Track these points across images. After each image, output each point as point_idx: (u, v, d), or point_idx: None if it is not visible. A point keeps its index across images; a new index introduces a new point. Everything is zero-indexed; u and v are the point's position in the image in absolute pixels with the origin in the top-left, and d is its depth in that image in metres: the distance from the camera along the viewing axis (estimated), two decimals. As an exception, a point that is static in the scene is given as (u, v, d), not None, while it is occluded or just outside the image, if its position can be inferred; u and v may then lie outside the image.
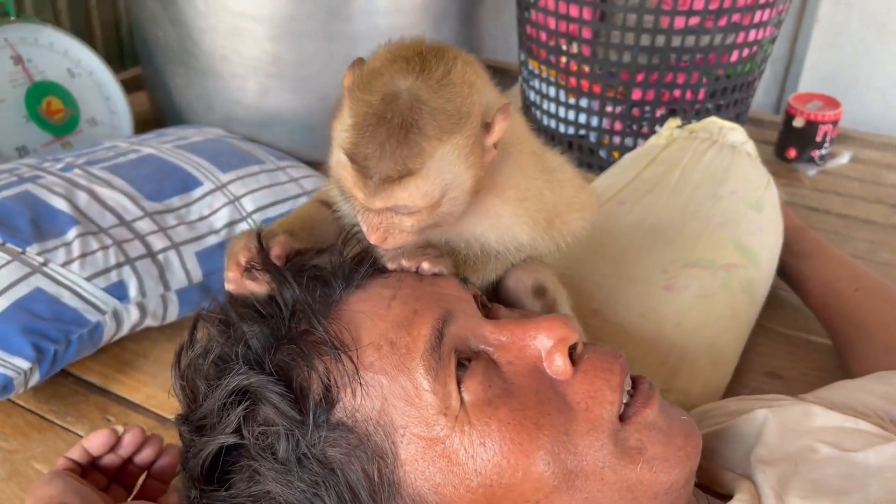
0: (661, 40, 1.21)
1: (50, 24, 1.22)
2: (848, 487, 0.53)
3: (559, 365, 0.49)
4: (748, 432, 0.61)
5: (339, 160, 0.49)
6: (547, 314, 0.53)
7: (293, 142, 1.31)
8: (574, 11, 1.22)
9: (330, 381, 0.47)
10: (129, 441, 0.66)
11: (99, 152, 1.07)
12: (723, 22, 1.19)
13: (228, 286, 0.54)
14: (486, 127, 0.50)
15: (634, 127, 1.30)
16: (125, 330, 0.90)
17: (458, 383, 0.47)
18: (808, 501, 0.52)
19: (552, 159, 0.61)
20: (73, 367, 0.89)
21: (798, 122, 1.39)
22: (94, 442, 0.65)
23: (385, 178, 0.47)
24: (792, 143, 1.41)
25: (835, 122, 1.39)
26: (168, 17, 1.28)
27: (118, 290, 0.88)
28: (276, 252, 0.53)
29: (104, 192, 0.97)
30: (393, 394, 0.47)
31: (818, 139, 1.39)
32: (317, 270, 0.52)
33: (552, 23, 1.26)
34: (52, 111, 1.21)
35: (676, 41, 1.20)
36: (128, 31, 1.78)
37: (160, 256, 0.93)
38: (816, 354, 0.96)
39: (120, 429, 0.67)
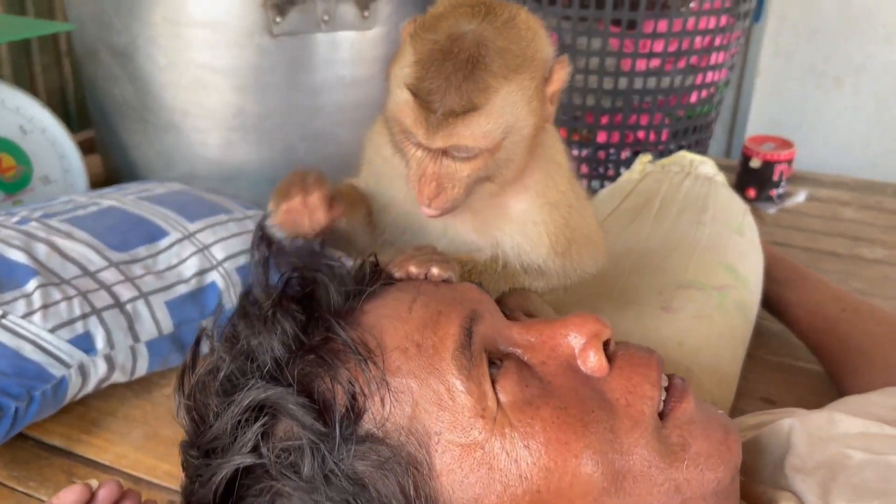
0: (623, 83, 1.23)
1: (2, 81, 1.18)
2: (890, 490, 0.51)
3: (594, 361, 0.46)
4: (776, 443, 0.59)
5: (398, 100, 0.48)
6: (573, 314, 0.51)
7: (257, 195, 1.27)
8: (537, 58, 1.24)
9: (355, 389, 0.43)
10: (104, 497, 0.60)
11: (56, 206, 1.02)
12: (681, 64, 1.22)
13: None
14: (546, 80, 0.49)
15: (601, 170, 1.31)
16: (91, 386, 0.83)
17: (493, 383, 0.44)
18: (854, 504, 0.50)
19: (580, 189, 0.60)
20: (34, 429, 0.82)
21: (755, 163, 1.43)
22: (65, 500, 0.58)
23: (449, 113, 0.46)
24: (750, 183, 1.44)
25: (789, 161, 1.43)
26: (126, 74, 1.25)
27: (84, 342, 0.82)
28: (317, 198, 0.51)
29: (64, 243, 0.91)
30: (424, 398, 0.43)
31: (775, 178, 1.43)
32: (330, 277, 0.48)
33: (515, 70, 1.27)
34: (4, 168, 1.16)
35: (638, 83, 1.23)
36: (74, 96, 1.75)
37: (128, 306, 0.87)
38: (807, 380, 0.96)
39: (94, 483, 0.61)
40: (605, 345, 0.47)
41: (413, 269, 0.50)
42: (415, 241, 0.57)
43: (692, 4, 1.19)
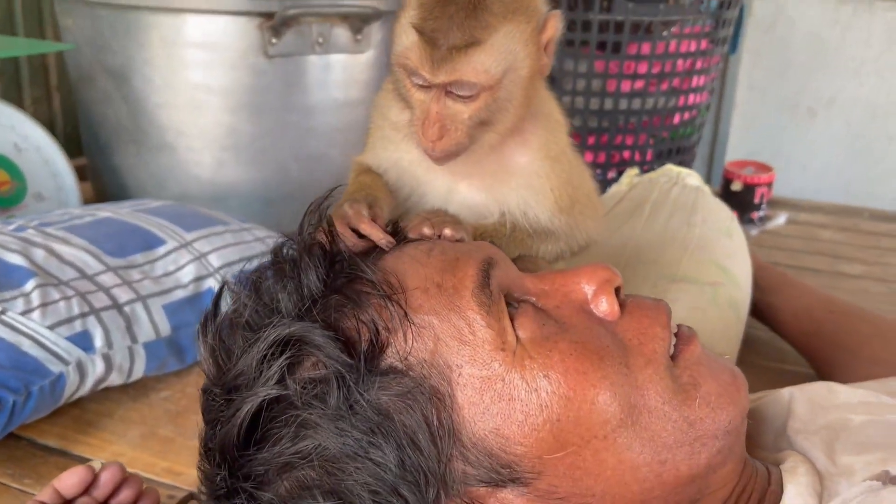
0: (608, 104, 1.27)
1: (-3, 100, 1.19)
2: (893, 443, 0.52)
3: (606, 305, 0.48)
4: (777, 412, 0.60)
5: (405, 42, 0.50)
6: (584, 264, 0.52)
7: (248, 216, 1.28)
8: (525, 80, 1.28)
9: (378, 324, 0.44)
10: (106, 480, 0.59)
11: (52, 217, 1.02)
12: (664, 86, 1.27)
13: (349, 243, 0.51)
14: (541, 30, 0.53)
15: (588, 189, 1.34)
16: (88, 386, 0.83)
17: (512, 321, 0.45)
18: (860, 456, 0.51)
19: (577, 155, 0.63)
20: (29, 430, 0.81)
21: (736, 186, 1.47)
22: (67, 482, 0.58)
23: (452, 47, 0.49)
24: (732, 205, 1.46)
25: (769, 185, 1.47)
26: (121, 95, 1.27)
27: (83, 340, 0.82)
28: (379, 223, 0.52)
29: (62, 248, 0.91)
30: (445, 333, 0.44)
31: (756, 201, 1.47)
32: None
33: (504, 93, 1.31)
34: (-1, 183, 1.16)
35: (623, 104, 1.27)
36: (63, 129, 1.76)
37: (126, 308, 0.87)
38: (797, 381, 0.96)
39: (97, 465, 0.60)
40: (617, 292, 0.49)
41: (427, 231, 0.52)
42: (421, 203, 0.59)
43: (673, 29, 1.24)
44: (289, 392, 0.43)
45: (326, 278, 0.47)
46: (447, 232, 0.52)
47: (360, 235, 0.51)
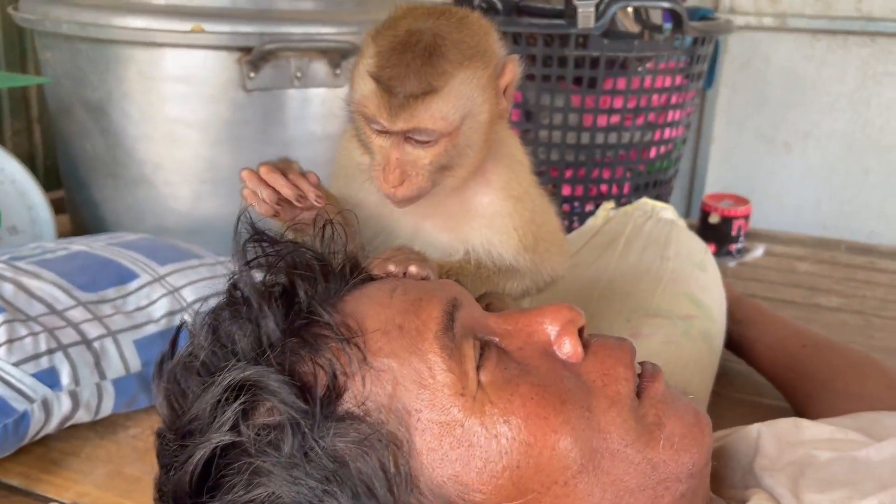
0: (585, 137, 1.28)
1: (-28, 134, 1.19)
2: (858, 479, 0.52)
3: (570, 347, 0.47)
4: (744, 449, 0.60)
5: (362, 90, 0.50)
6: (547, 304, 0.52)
7: (225, 249, 1.26)
8: (502, 114, 1.29)
9: (336, 369, 0.44)
10: None
11: (24, 251, 1.01)
12: (640, 120, 1.28)
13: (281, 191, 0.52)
14: (499, 74, 0.52)
15: (566, 222, 1.34)
16: (54, 424, 0.81)
17: (477, 367, 0.45)
18: (824, 494, 0.51)
19: (542, 191, 0.63)
20: (-9, 469, 0.79)
21: (714, 219, 1.48)
22: None
23: (409, 95, 0.49)
24: (710, 238, 1.48)
25: (746, 217, 1.48)
26: (99, 129, 1.27)
27: (49, 377, 0.81)
28: (313, 180, 0.53)
29: (31, 282, 0.90)
30: (404, 377, 0.44)
31: (734, 233, 1.48)
32: (310, 270, 0.49)
33: (482, 127, 1.32)
34: (-30, 217, 1.15)
35: (600, 138, 1.28)
36: (43, 161, 1.76)
37: (96, 344, 0.86)
38: (773, 416, 0.95)
39: None
40: (580, 333, 0.49)
41: (392, 268, 0.51)
42: (387, 242, 0.59)
43: (648, 64, 1.26)
44: (242, 439, 0.42)
45: (284, 321, 0.46)
46: (413, 269, 0.51)
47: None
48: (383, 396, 0.43)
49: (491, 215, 0.58)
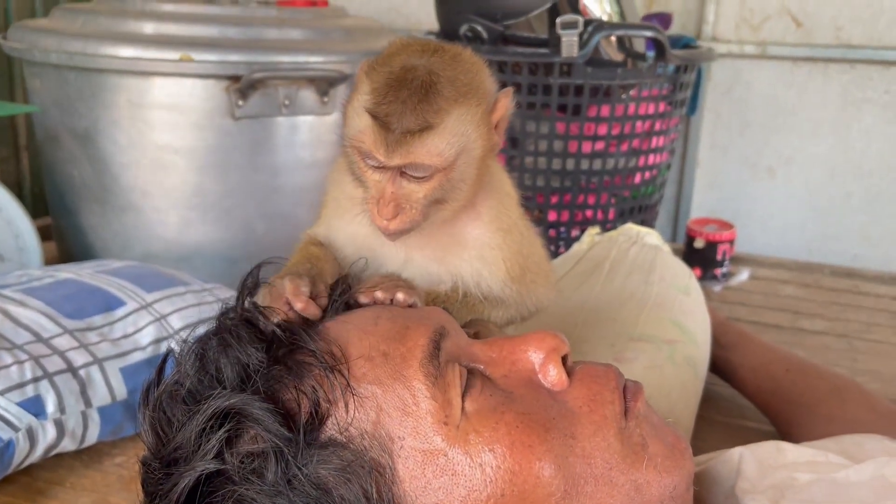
0: (570, 164, 1.30)
1: (-40, 162, 1.19)
2: (837, 500, 0.53)
3: (554, 375, 0.48)
4: (726, 473, 0.60)
5: (358, 125, 0.51)
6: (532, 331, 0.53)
7: (213, 276, 1.28)
8: (489, 141, 1.30)
9: (319, 396, 0.44)
10: None
11: (10, 279, 1.01)
12: (625, 147, 1.30)
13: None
14: (491, 110, 0.54)
15: (552, 248, 1.35)
16: (38, 452, 0.81)
17: (462, 395, 0.45)
18: (804, 516, 0.51)
19: (529, 223, 0.64)
20: (-26, 499, 0.79)
21: (699, 244, 1.49)
22: None
23: (406, 131, 0.50)
24: (695, 263, 1.49)
25: (731, 241, 1.50)
26: (87, 156, 1.27)
27: (34, 406, 0.80)
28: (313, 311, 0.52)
29: (17, 310, 0.90)
30: (388, 404, 0.44)
31: (718, 258, 1.49)
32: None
33: (468, 153, 1.33)
34: (-43, 245, 1.15)
35: (585, 164, 1.29)
36: (30, 189, 1.76)
37: (81, 372, 0.86)
38: (757, 439, 0.96)
39: None
40: (564, 361, 0.49)
41: (379, 295, 0.52)
42: (376, 273, 0.59)
43: (632, 92, 1.28)
44: (227, 466, 0.43)
45: (269, 349, 0.47)
46: (400, 297, 0.52)
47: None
48: (367, 423, 0.44)
49: (480, 247, 0.58)
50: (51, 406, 0.82)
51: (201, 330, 0.97)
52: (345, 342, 0.47)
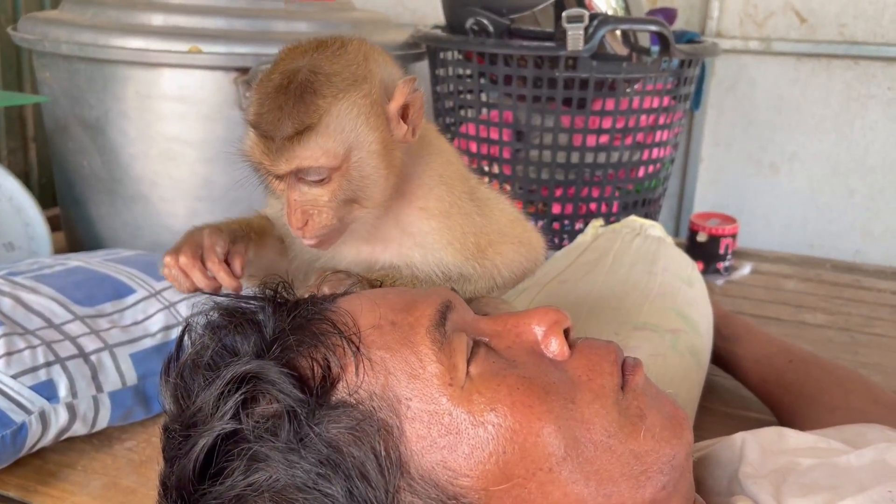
0: (575, 157, 1.30)
1: (-29, 151, 1.20)
2: (839, 483, 0.54)
3: (556, 346, 0.50)
4: (729, 457, 0.61)
5: (246, 140, 0.52)
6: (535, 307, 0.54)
7: (221, 266, 1.29)
8: (494, 134, 1.31)
9: (331, 361, 0.46)
10: None
11: (21, 266, 1.03)
12: (629, 140, 1.31)
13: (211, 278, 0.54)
14: (388, 98, 0.53)
15: (556, 240, 1.36)
16: (51, 435, 0.82)
17: (468, 362, 0.47)
18: (806, 498, 0.52)
19: (484, 190, 0.63)
20: (-12, 480, 0.80)
21: (702, 237, 1.50)
22: None
23: (286, 138, 0.49)
24: (698, 257, 1.50)
25: (733, 236, 1.51)
26: (96, 147, 1.28)
27: (47, 389, 0.82)
28: (237, 268, 0.54)
29: (29, 297, 0.92)
30: (396, 368, 0.46)
31: (721, 252, 1.50)
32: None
33: (474, 146, 1.35)
34: (-32, 233, 1.16)
35: (589, 157, 1.30)
36: (38, 180, 1.77)
37: (93, 357, 0.87)
38: (759, 427, 0.98)
39: None
40: (567, 335, 0.51)
41: (326, 290, 0.53)
42: (328, 266, 0.60)
43: (636, 86, 1.29)
44: (243, 426, 0.45)
45: (286, 318, 0.48)
46: (325, 290, 0.53)
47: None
48: (376, 385, 0.46)
49: (421, 234, 0.58)
50: (63, 390, 0.83)
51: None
52: (356, 312, 0.49)
